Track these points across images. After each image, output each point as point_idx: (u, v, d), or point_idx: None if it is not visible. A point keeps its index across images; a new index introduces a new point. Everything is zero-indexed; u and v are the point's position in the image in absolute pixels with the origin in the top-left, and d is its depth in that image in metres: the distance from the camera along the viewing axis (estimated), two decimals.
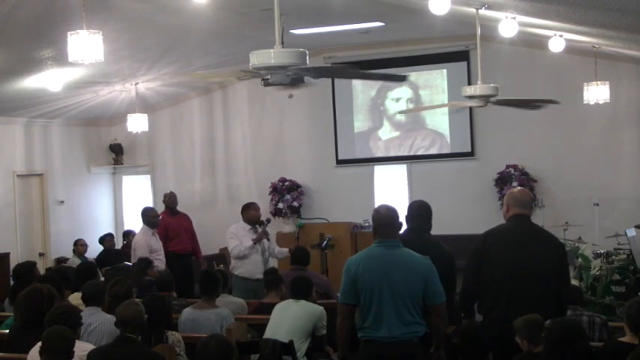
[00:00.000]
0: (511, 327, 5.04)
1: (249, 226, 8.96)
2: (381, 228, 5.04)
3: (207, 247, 12.50)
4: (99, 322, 5.96)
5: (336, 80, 12.33)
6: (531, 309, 4.99)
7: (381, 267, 4.93)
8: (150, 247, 9.65)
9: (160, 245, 9.85)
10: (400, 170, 12.72)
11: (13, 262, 10.32)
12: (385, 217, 5.05)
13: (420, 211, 5.84)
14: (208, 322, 6.40)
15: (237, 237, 8.89)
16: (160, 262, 9.67)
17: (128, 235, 12.31)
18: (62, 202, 12.91)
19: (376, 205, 5.23)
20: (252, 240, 8.83)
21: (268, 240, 9.00)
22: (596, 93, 10.75)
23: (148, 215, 9.92)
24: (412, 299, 4.90)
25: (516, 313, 5.04)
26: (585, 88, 10.82)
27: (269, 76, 5.38)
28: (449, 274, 5.66)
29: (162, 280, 7.67)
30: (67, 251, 11.93)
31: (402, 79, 7.04)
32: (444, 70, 12.36)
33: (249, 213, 9.02)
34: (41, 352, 4.77)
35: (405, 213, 5.82)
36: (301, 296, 6.44)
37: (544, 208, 11.16)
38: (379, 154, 12.80)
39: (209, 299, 6.63)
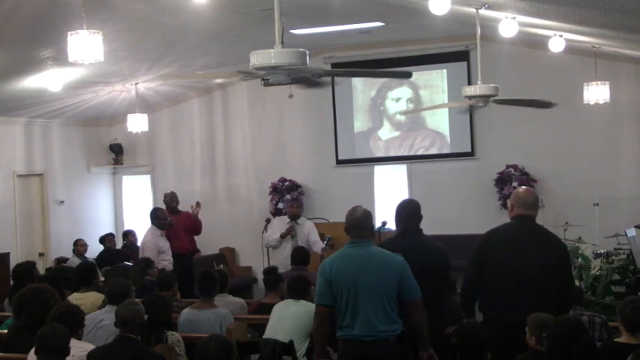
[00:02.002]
0: (511, 326, 5.04)
1: (289, 220, 9.62)
2: (353, 229, 5.08)
3: (208, 247, 12.51)
4: (110, 320, 5.94)
5: (336, 80, 12.31)
6: (532, 308, 4.99)
7: (354, 266, 4.97)
8: (158, 248, 9.68)
9: (168, 246, 9.88)
10: (400, 170, 12.71)
11: (13, 262, 10.32)
12: (359, 219, 5.08)
13: (413, 212, 5.82)
14: (208, 322, 6.41)
15: (273, 229, 9.64)
16: (168, 264, 9.70)
17: (128, 235, 12.32)
18: (62, 202, 12.91)
19: (363, 206, 5.19)
20: (280, 235, 9.50)
21: (292, 237, 9.51)
22: (596, 93, 10.75)
23: (158, 217, 9.91)
24: (387, 296, 4.93)
25: (516, 313, 5.05)
26: (585, 88, 10.82)
27: (269, 76, 5.38)
28: (447, 274, 5.70)
29: (163, 279, 7.67)
30: (67, 251, 11.93)
31: (407, 75, 7.03)
32: (444, 70, 12.36)
33: (288, 209, 9.89)
34: (36, 352, 4.77)
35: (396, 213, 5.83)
36: (299, 296, 6.44)
37: (544, 208, 11.07)
38: (379, 154, 12.80)
39: (208, 299, 6.65)
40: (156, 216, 9.94)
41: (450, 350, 5.09)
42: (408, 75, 6.94)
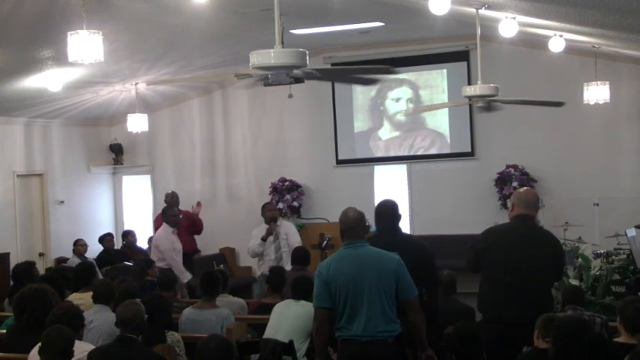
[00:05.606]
0: (511, 325, 5.04)
1: (267, 225, 9.47)
2: (348, 231, 5.09)
3: (208, 247, 12.52)
4: (99, 321, 5.97)
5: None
6: (531, 308, 5.00)
7: (352, 267, 4.96)
8: (172, 244, 9.64)
9: (180, 246, 9.84)
10: (400, 170, 12.71)
11: (13, 262, 10.32)
12: (353, 220, 5.10)
13: (386, 212, 5.81)
14: (209, 323, 6.41)
15: (254, 237, 9.48)
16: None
17: (127, 235, 12.31)
18: (62, 202, 12.91)
19: (354, 208, 5.21)
20: (261, 238, 9.34)
21: (274, 239, 9.34)
22: (596, 93, 10.75)
23: (169, 214, 9.90)
24: (386, 295, 4.93)
25: (516, 312, 5.05)
26: (585, 88, 10.82)
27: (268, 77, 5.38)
28: (430, 271, 5.66)
29: (164, 279, 7.67)
30: (67, 251, 11.93)
31: (388, 72, 6.85)
32: (444, 70, 12.36)
33: (264, 213, 9.66)
34: (40, 352, 4.78)
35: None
36: (302, 296, 6.43)
37: (544, 208, 11.09)
38: (379, 154, 12.79)
39: (209, 299, 6.64)
40: (167, 214, 9.92)
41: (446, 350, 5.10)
42: (389, 71, 6.72)
